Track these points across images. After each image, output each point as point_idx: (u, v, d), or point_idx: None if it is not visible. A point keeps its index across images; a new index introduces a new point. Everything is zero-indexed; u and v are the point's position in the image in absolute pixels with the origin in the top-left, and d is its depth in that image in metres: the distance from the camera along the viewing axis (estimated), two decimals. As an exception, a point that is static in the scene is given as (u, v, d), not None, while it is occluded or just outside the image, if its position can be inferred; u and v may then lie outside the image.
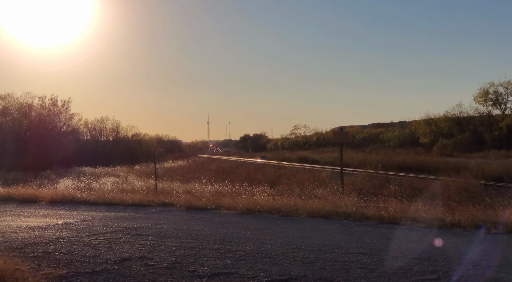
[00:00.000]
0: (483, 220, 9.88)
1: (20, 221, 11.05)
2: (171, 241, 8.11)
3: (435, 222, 10.06)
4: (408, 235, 8.97)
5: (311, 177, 25.36)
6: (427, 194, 15.89)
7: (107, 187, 20.89)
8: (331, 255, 6.97)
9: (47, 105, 55.46)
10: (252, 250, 7.35)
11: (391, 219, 10.55)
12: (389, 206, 12.03)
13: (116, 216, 11.71)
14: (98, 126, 71.07)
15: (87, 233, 9.00)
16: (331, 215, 11.28)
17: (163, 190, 18.91)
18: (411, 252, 7.16)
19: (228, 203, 13.33)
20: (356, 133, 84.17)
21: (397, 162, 34.90)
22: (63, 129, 58.50)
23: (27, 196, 16.09)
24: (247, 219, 11.22)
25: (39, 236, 8.75)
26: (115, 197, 15.50)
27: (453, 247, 7.81)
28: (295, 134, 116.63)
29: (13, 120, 52.06)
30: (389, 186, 20.12)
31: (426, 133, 68.23)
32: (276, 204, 12.78)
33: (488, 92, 61.91)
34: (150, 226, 10.02)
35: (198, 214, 12.12)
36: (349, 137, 20.93)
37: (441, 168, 27.82)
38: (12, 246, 7.75)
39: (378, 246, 7.73)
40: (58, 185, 22.86)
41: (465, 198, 14.76)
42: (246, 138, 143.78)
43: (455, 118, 66.12)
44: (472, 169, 23.49)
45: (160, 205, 14.02)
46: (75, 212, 12.75)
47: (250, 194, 16.14)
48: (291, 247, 7.54)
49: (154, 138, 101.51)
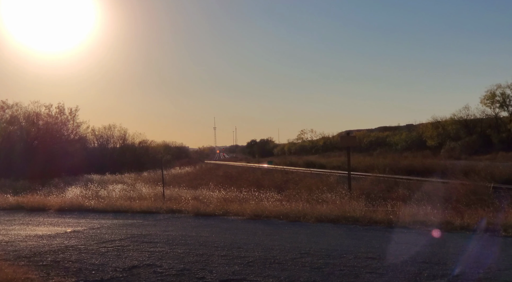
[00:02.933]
0: (493, 223, 9.81)
1: (29, 229, 11.08)
2: (179, 248, 8.11)
3: (444, 226, 10.00)
4: (417, 239, 8.91)
5: (318, 182, 25.29)
6: (435, 197, 15.80)
7: (115, 194, 20.92)
8: (340, 260, 6.94)
9: (54, 114, 55.82)
10: (260, 256, 7.34)
11: (399, 223, 10.49)
12: (397, 210, 11.96)
13: (124, 224, 11.74)
14: (105, 134, 71.38)
15: (95, 241, 9.02)
16: (339, 220, 11.23)
17: (171, 196, 18.91)
18: (420, 256, 7.12)
19: (236, 208, 13.32)
20: (363, 137, 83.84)
21: (404, 165, 34.80)
22: (71, 137, 58.77)
23: (36, 205, 16.14)
24: (255, 225, 11.21)
25: (48, 244, 8.78)
26: (123, 204, 15.53)
27: (463, 250, 7.76)
28: (302, 139, 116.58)
29: (20, 129, 52.41)
30: (397, 189, 20.05)
31: (433, 136, 67.96)
32: (284, 209, 12.76)
33: (495, 94, 61.70)
34: (158, 233, 10.03)
35: (206, 220, 12.12)
36: (356, 142, 20.91)
37: (449, 171, 27.68)
38: (21, 255, 7.78)
39: (387, 251, 7.70)
40: (66, 193, 22.91)
41: (474, 201, 14.68)
42: (253, 144, 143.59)
43: (462, 121, 65.87)
44: (480, 172, 23.38)
45: (168, 212, 14.02)
46: (84, 220, 12.78)
47: (257, 200, 16.10)
48: (299, 253, 7.52)
49: (161, 145, 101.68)
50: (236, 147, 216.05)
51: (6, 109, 52.56)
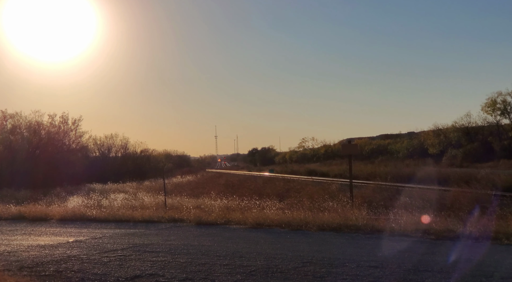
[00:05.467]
0: (495, 231, 9.80)
1: (31, 239, 11.08)
2: (181, 257, 8.10)
3: (446, 234, 9.99)
4: (419, 248, 8.91)
5: (320, 190, 25.32)
6: (437, 205, 15.79)
7: (117, 204, 20.94)
8: (342, 269, 6.94)
9: (57, 123, 56.02)
10: (262, 265, 7.33)
11: (402, 232, 10.48)
12: (399, 218, 11.96)
13: (126, 233, 11.74)
14: (107, 143, 71.64)
15: (97, 251, 9.02)
16: (341, 228, 11.23)
17: (173, 205, 18.93)
18: (423, 265, 7.11)
19: (238, 217, 13.31)
20: (364, 145, 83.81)
21: (406, 173, 34.77)
22: (72, 146, 58.90)
23: (38, 214, 16.13)
24: (257, 234, 11.20)
25: (50, 254, 8.78)
26: (125, 214, 15.52)
27: (465, 258, 7.75)
28: (303, 147, 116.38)
29: (22, 138, 52.54)
30: (399, 197, 20.03)
31: (435, 144, 67.87)
32: (285, 217, 12.74)
33: (496, 101, 61.62)
34: (161, 242, 10.03)
35: (208, 229, 12.11)
36: (358, 149, 20.92)
37: (451, 178, 27.68)
38: (24, 265, 7.78)
39: (390, 259, 7.68)
40: (68, 202, 22.94)
41: (476, 208, 14.66)
42: (254, 152, 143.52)
43: (463, 128, 65.79)
44: (482, 179, 23.38)
45: (170, 221, 14.02)
46: (86, 229, 12.78)
47: (259, 208, 16.10)
48: (302, 262, 7.51)
49: (162, 153, 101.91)
50: (237, 155, 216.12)
51: (9, 119, 52.77)
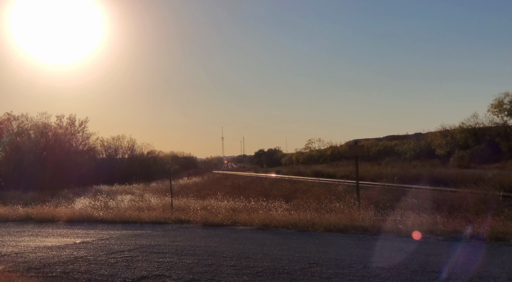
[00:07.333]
0: (502, 232, 9.74)
1: (38, 241, 11.14)
2: (188, 258, 8.11)
3: (453, 235, 9.95)
4: (426, 249, 8.87)
5: (326, 191, 25.27)
6: (444, 206, 15.72)
7: (124, 205, 21.00)
8: (349, 270, 6.92)
9: (64, 124, 56.25)
10: (269, 266, 7.33)
11: (409, 233, 10.44)
12: (406, 219, 11.92)
13: (133, 234, 11.77)
14: (114, 144, 71.88)
15: (104, 252, 9.05)
16: (348, 229, 11.20)
17: (179, 206, 18.97)
18: (430, 266, 7.08)
19: (244, 218, 13.31)
20: (371, 146, 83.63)
21: (413, 174, 34.65)
22: (80, 148, 59.13)
23: (45, 216, 16.22)
24: (263, 235, 11.20)
25: (57, 255, 8.81)
26: (132, 215, 15.57)
27: (473, 260, 7.70)
28: (310, 148, 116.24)
29: (29, 140, 52.75)
30: (406, 198, 19.96)
31: (442, 145, 67.55)
32: (292, 219, 12.73)
33: (503, 102, 61.23)
34: (167, 243, 10.04)
35: (214, 231, 12.12)
36: (364, 151, 20.86)
37: (458, 179, 27.55)
38: (31, 266, 7.82)
39: (397, 260, 7.65)
40: (75, 204, 23.04)
41: (484, 209, 14.60)
42: (261, 154, 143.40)
43: (471, 129, 65.45)
44: (489, 180, 23.27)
45: (177, 222, 14.05)
46: (93, 230, 12.83)
47: (266, 209, 16.10)
48: (308, 263, 7.50)
49: (169, 155, 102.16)
50: (244, 157, 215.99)
51: (13, 121, 52.99)
